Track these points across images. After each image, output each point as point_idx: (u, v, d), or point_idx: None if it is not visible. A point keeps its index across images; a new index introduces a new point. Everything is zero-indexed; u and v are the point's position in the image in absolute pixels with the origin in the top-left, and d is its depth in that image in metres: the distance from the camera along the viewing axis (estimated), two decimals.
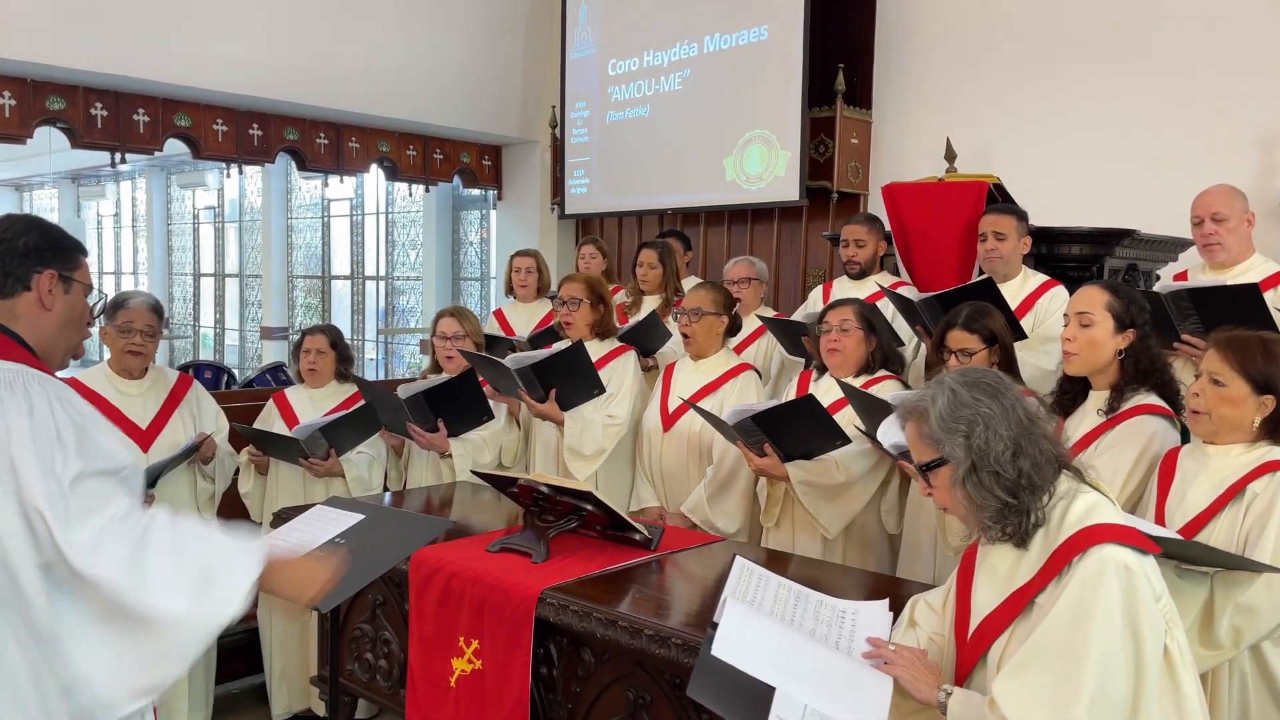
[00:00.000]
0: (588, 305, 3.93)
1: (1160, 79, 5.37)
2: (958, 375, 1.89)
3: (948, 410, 1.83)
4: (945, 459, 1.83)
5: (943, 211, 4.20)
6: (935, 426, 1.83)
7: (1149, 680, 1.69)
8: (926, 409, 1.86)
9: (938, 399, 1.85)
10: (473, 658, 2.59)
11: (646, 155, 7.27)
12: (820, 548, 3.23)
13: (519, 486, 2.83)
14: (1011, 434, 1.81)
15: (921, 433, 1.87)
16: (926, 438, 1.86)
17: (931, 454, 1.86)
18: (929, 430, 1.84)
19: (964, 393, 1.84)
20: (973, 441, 1.80)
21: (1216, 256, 3.45)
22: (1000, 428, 1.81)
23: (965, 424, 1.81)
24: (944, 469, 1.85)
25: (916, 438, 1.89)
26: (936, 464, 1.85)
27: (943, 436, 1.82)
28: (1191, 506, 2.34)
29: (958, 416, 1.82)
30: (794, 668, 1.85)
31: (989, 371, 1.93)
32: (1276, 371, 2.26)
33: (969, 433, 1.80)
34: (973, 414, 1.81)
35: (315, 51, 6.77)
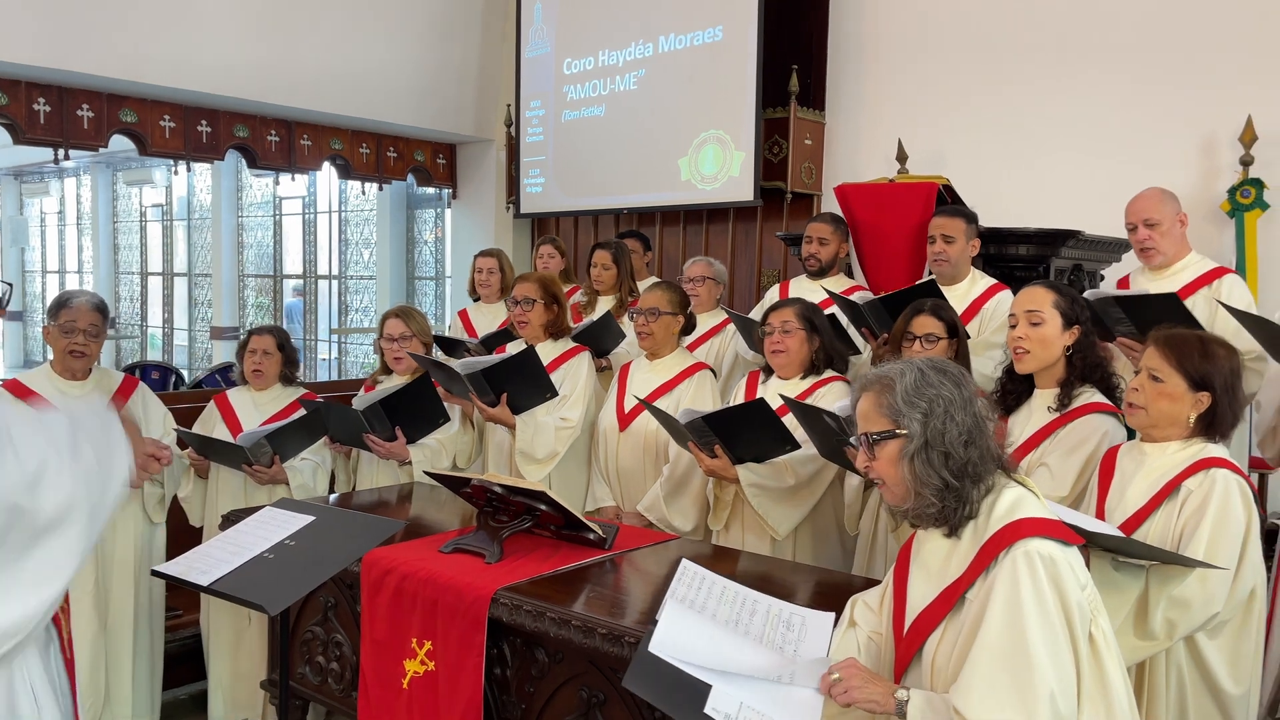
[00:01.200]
0: (541, 305, 3.92)
1: (1106, 82, 5.49)
2: (926, 360, 1.96)
3: (913, 387, 1.88)
4: (899, 432, 1.88)
5: (894, 212, 4.26)
6: (899, 399, 1.88)
7: (1085, 659, 1.74)
8: (893, 381, 1.91)
9: (906, 374, 1.90)
10: (425, 659, 2.57)
11: (602, 155, 7.28)
12: (770, 549, 3.25)
13: (472, 487, 2.82)
14: (967, 423, 1.87)
15: (881, 403, 1.91)
16: (886, 408, 1.90)
17: (886, 425, 1.90)
18: (891, 401, 1.89)
19: (931, 374, 1.90)
20: (931, 421, 1.86)
21: (1153, 260, 3.54)
22: (958, 414, 1.86)
23: (927, 402, 1.86)
24: (894, 442, 1.89)
25: (874, 407, 1.92)
26: (889, 435, 1.89)
27: (904, 410, 1.87)
28: (1130, 504, 2.40)
29: (922, 394, 1.87)
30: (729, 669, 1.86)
31: (954, 364, 1.99)
32: (1213, 370, 2.32)
33: (929, 411, 1.86)
34: (936, 394, 1.87)
35: (267, 47, 6.68)
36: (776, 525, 3.23)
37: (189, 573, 2.30)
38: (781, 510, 3.25)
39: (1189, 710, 2.28)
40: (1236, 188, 5.00)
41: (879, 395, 1.92)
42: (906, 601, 1.96)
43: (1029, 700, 1.69)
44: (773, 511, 3.23)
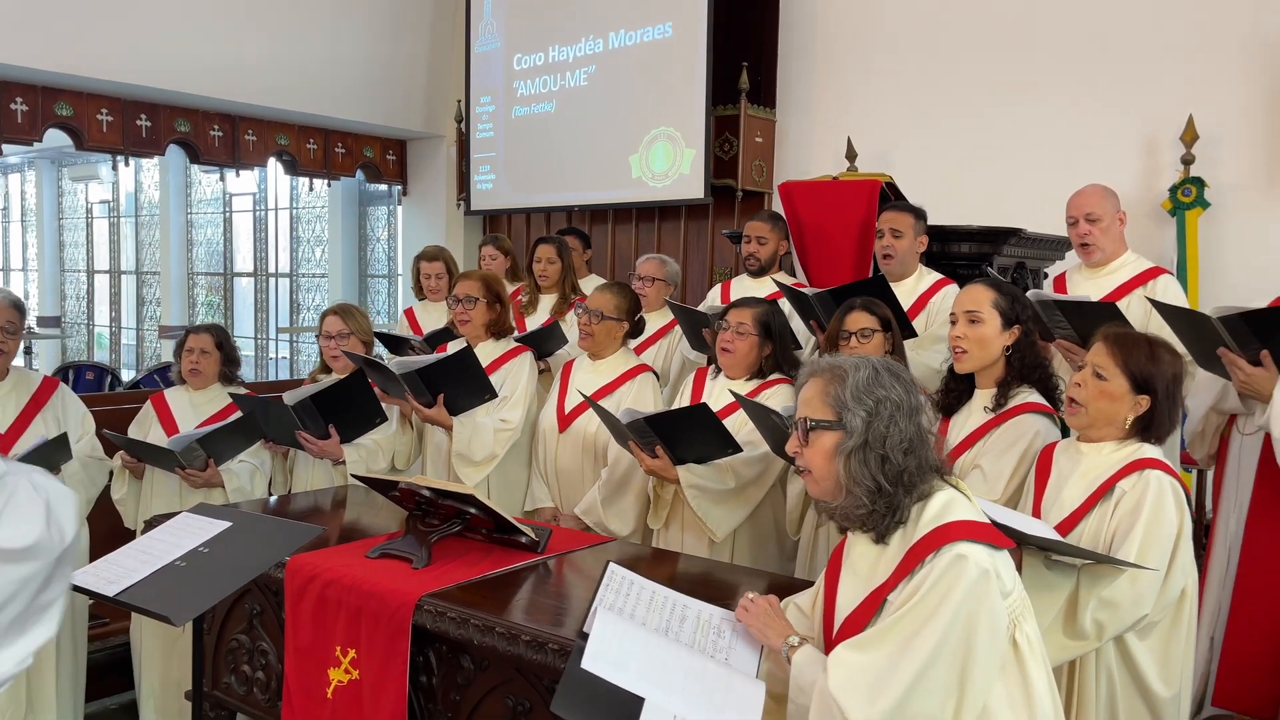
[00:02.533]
0: (484, 304, 3.85)
1: (1051, 82, 5.52)
2: (882, 360, 1.93)
3: (865, 383, 1.85)
4: (840, 425, 1.84)
5: (837, 210, 4.25)
6: (848, 392, 1.85)
7: (978, 675, 1.72)
8: (845, 373, 1.87)
9: (861, 369, 1.87)
10: (350, 668, 2.50)
11: (553, 152, 7.21)
12: (708, 551, 3.22)
13: (400, 490, 2.75)
14: (910, 431, 1.84)
15: (828, 393, 1.87)
16: (832, 399, 1.86)
17: (829, 415, 1.86)
18: (838, 393, 1.86)
19: (885, 375, 1.87)
20: (874, 422, 1.82)
21: (1092, 256, 3.56)
22: (903, 421, 1.84)
23: (875, 402, 1.83)
24: (832, 434, 1.85)
25: (820, 395, 1.88)
26: (828, 426, 1.85)
27: (850, 404, 1.84)
28: (1066, 503, 2.39)
29: (872, 393, 1.84)
30: (664, 677, 1.83)
31: (907, 370, 1.96)
32: (1156, 374, 2.31)
33: (875, 411, 1.83)
34: (885, 396, 1.84)
35: (209, 40, 6.54)
36: (715, 527, 3.20)
37: (96, 582, 2.21)
38: (721, 512, 3.22)
39: (1119, 712, 2.28)
40: (1178, 186, 5.05)
41: (827, 384, 1.89)
42: (836, 604, 1.94)
43: (887, 683, 1.70)
44: (712, 513, 3.20)
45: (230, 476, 3.73)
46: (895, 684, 1.70)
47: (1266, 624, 2.90)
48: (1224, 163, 5.02)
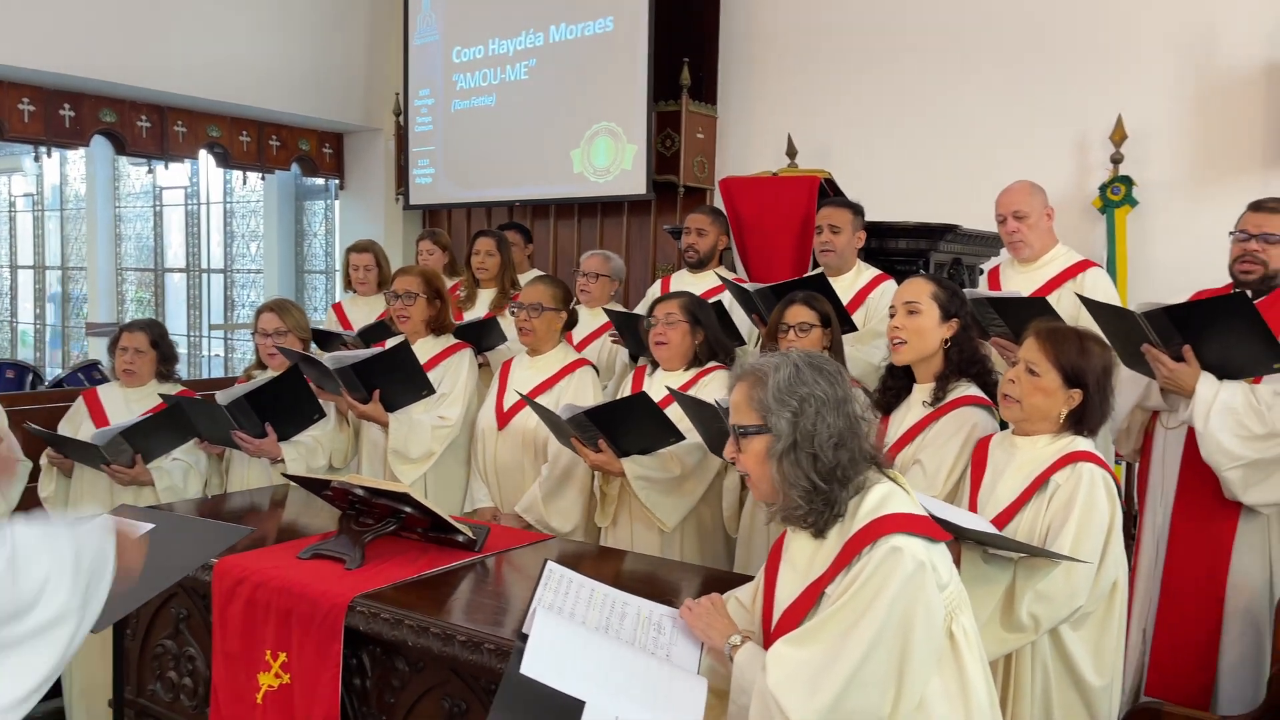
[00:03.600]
0: (423, 300, 3.79)
1: (985, 81, 5.60)
2: (803, 355, 1.90)
3: (786, 383, 1.83)
4: (766, 429, 1.82)
5: (776, 205, 4.27)
6: (770, 395, 1.83)
7: (914, 668, 1.73)
8: (766, 375, 1.85)
9: (781, 369, 1.85)
10: (280, 672, 2.44)
11: (493, 146, 7.14)
12: (659, 544, 3.21)
13: (333, 489, 2.69)
14: (838, 425, 1.82)
15: (752, 397, 1.86)
16: (756, 403, 1.85)
17: (755, 420, 1.85)
18: (761, 397, 1.84)
19: (807, 372, 1.84)
20: (800, 421, 1.81)
21: (1021, 253, 3.62)
22: (829, 415, 1.82)
23: (798, 401, 1.81)
24: (761, 438, 1.84)
25: (745, 400, 1.87)
26: (756, 431, 1.84)
27: (774, 406, 1.82)
28: (1002, 497, 2.42)
29: (794, 392, 1.82)
30: (605, 677, 1.80)
31: (832, 361, 1.94)
32: (1087, 367, 2.35)
33: (799, 410, 1.81)
34: (809, 393, 1.82)
35: (134, 27, 6.34)
36: (664, 517, 3.19)
37: None
38: (670, 501, 3.21)
39: (1053, 703, 2.30)
40: (1107, 185, 5.16)
41: (751, 388, 1.87)
42: (775, 598, 1.94)
43: (825, 679, 1.70)
44: (661, 503, 3.19)
45: (161, 475, 3.62)
46: (833, 679, 1.70)
47: (1194, 614, 2.97)
48: (1151, 162, 5.14)
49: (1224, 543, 2.93)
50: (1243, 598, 2.93)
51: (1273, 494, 2.82)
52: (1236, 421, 2.77)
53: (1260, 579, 2.90)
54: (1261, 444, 2.77)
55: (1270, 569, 2.90)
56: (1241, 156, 4.96)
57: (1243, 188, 4.75)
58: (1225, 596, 2.93)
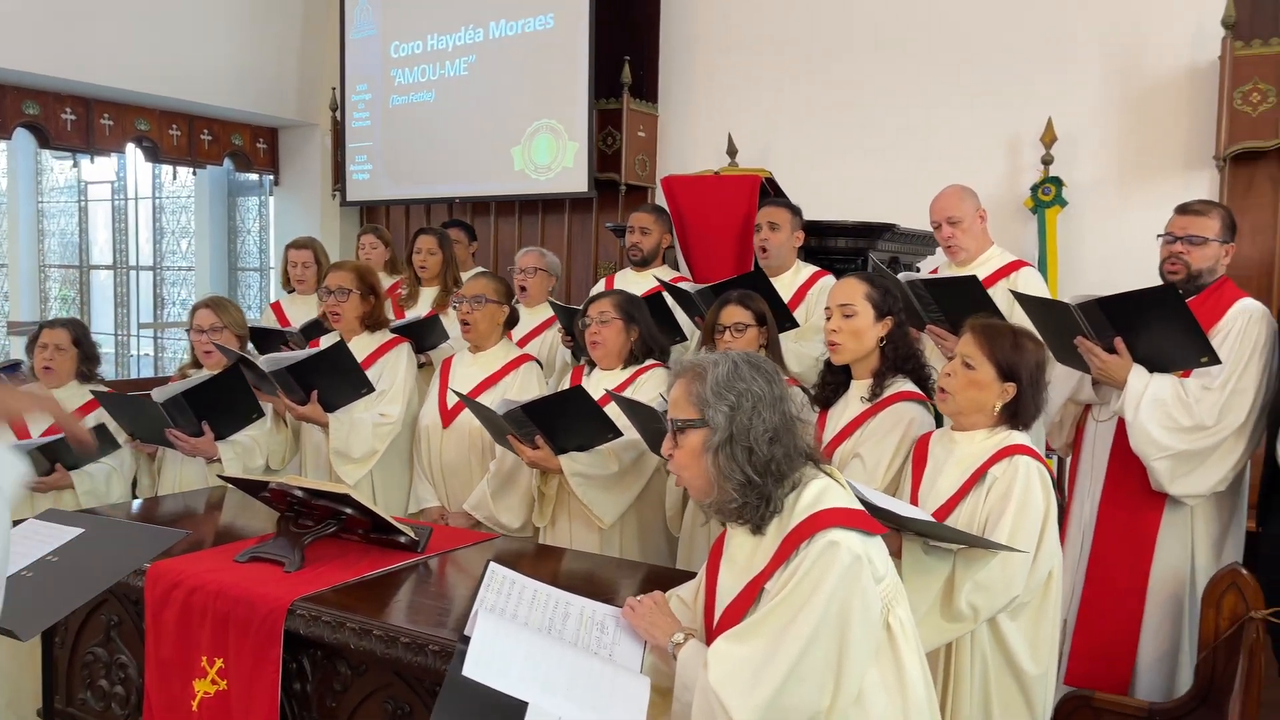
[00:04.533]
0: (357, 296, 3.73)
1: (920, 83, 5.70)
2: (743, 354, 1.94)
3: (724, 379, 1.86)
4: (704, 423, 1.85)
5: (718, 204, 4.29)
6: (708, 390, 1.86)
7: (852, 660, 1.76)
8: (705, 371, 1.88)
9: (719, 365, 1.88)
10: (217, 678, 2.38)
11: (432, 142, 7.07)
12: (598, 542, 3.20)
13: (271, 491, 2.64)
14: (774, 421, 1.86)
15: (691, 391, 1.89)
16: (695, 397, 1.88)
17: (693, 414, 1.88)
18: (700, 391, 1.87)
19: (745, 369, 1.88)
20: (737, 415, 1.84)
21: (957, 257, 3.70)
22: (765, 411, 1.85)
23: (736, 396, 1.85)
24: (698, 432, 1.87)
25: (684, 395, 1.90)
26: (694, 424, 1.87)
27: (712, 400, 1.85)
28: (942, 491, 2.46)
29: (732, 388, 1.85)
30: (548, 678, 1.80)
31: (770, 362, 1.98)
32: (1020, 362, 2.41)
33: (736, 405, 1.84)
34: (746, 389, 1.85)
35: (59, 16, 6.14)
36: (602, 514, 3.19)
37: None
38: (607, 498, 3.21)
39: (992, 691, 2.35)
40: (1038, 185, 5.29)
41: (690, 384, 1.90)
42: (716, 595, 1.96)
43: (765, 674, 1.72)
44: (598, 500, 3.19)
45: (82, 478, 3.52)
46: (772, 674, 1.72)
47: (1118, 605, 3.06)
48: (1080, 163, 5.28)
49: (1148, 534, 3.02)
50: (1166, 589, 3.02)
51: (1197, 485, 2.91)
52: (1165, 413, 2.86)
53: (1183, 570, 3.00)
54: (1188, 436, 2.87)
55: (1192, 560, 3.00)
56: (1165, 158, 5.12)
57: (1167, 189, 4.92)
58: (1148, 587, 3.02)
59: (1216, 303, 3.00)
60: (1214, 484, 2.91)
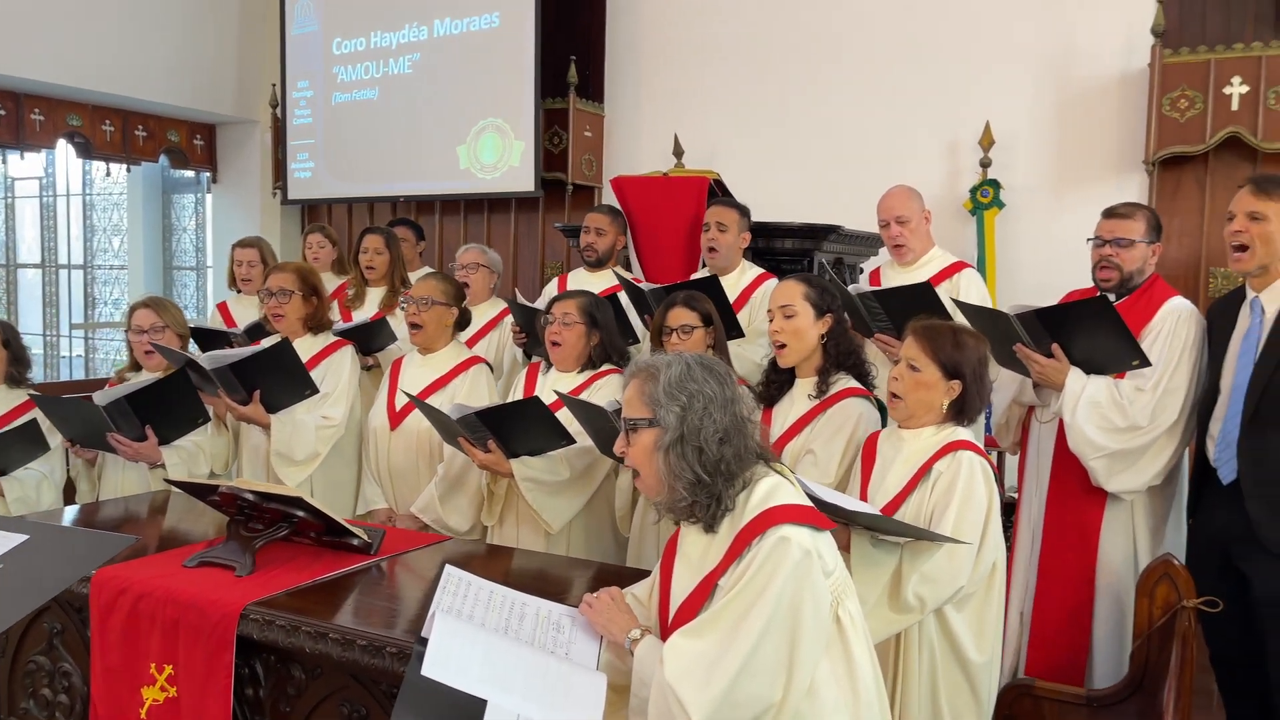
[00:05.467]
0: (299, 297, 3.68)
1: (862, 86, 5.80)
2: (696, 355, 1.98)
3: (677, 380, 1.90)
4: (655, 422, 1.89)
5: (667, 205, 4.33)
6: (661, 390, 1.90)
7: (804, 653, 1.80)
8: (658, 371, 1.92)
9: (672, 365, 1.92)
10: (166, 685, 2.35)
11: (376, 140, 6.99)
12: (544, 543, 3.21)
13: (220, 494, 2.61)
14: (725, 422, 1.90)
15: (644, 391, 1.92)
16: (647, 397, 1.91)
17: (645, 413, 1.91)
18: (653, 391, 1.91)
19: (697, 370, 1.92)
20: (688, 415, 1.88)
21: (904, 257, 3.78)
22: (716, 413, 1.89)
23: (687, 396, 1.89)
24: (649, 431, 1.91)
25: (637, 395, 1.94)
26: (646, 423, 1.90)
27: (664, 401, 1.89)
28: (890, 487, 2.54)
29: (684, 388, 1.89)
30: (505, 677, 1.82)
31: (722, 364, 2.02)
32: (963, 359, 2.49)
33: (688, 405, 1.88)
34: (697, 390, 1.89)
35: None
36: (551, 519, 3.19)
37: None
38: (556, 504, 3.22)
39: (939, 680, 2.42)
40: (977, 188, 5.42)
41: (643, 384, 1.94)
42: (670, 592, 1.99)
43: (719, 669, 1.76)
44: (547, 505, 3.19)
45: (11, 484, 3.44)
46: (726, 667, 1.76)
47: (1068, 596, 3.16)
48: (1017, 166, 5.43)
49: (1092, 527, 3.13)
50: (1110, 578, 3.13)
51: (1133, 481, 3.03)
52: (1101, 415, 2.97)
53: (1125, 560, 3.11)
54: (1123, 436, 2.98)
55: (1134, 550, 3.12)
56: (1098, 162, 5.29)
57: (1099, 192, 5.07)
58: (1095, 578, 3.13)
59: (1148, 303, 3.12)
60: (1148, 480, 3.03)
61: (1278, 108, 4.69)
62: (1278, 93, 4.68)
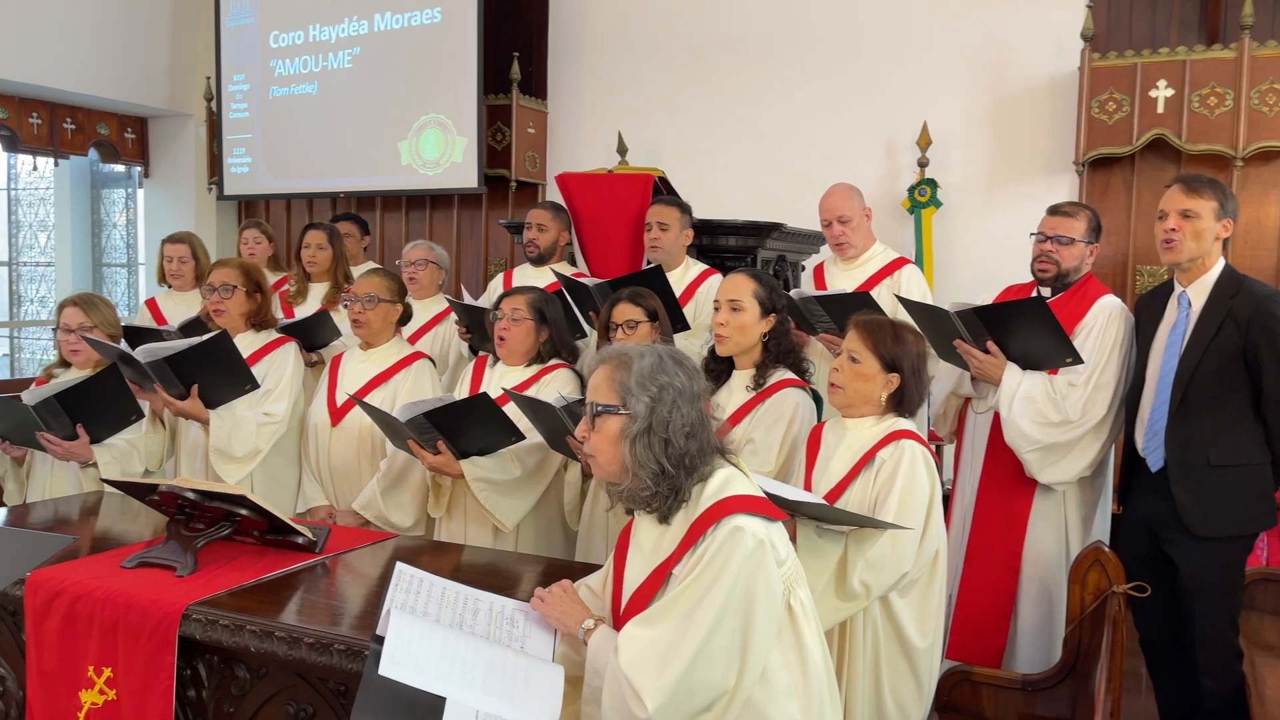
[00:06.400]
0: (242, 293, 3.62)
1: (803, 87, 5.88)
2: (667, 348, 1.99)
3: (649, 371, 1.91)
4: (624, 410, 1.89)
5: (612, 202, 4.34)
6: (632, 379, 1.90)
7: (757, 640, 1.83)
8: (631, 360, 1.92)
9: (646, 356, 1.93)
10: (105, 688, 2.30)
11: (316, 135, 6.90)
12: (492, 538, 3.20)
13: (160, 493, 2.56)
14: (693, 416, 1.92)
15: (614, 379, 1.92)
16: (618, 385, 1.92)
17: (614, 400, 1.92)
18: (624, 379, 1.91)
19: (670, 363, 1.93)
20: (658, 407, 1.89)
21: (846, 254, 3.85)
22: (685, 406, 1.91)
23: (658, 388, 1.90)
24: (616, 419, 1.91)
25: (607, 381, 1.94)
26: (613, 410, 1.91)
27: (635, 390, 1.89)
28: (833, 475, 2.58)
29: (655, 380, 1.90)
30: (463, 674, 1.82)
31: (690, 359, 2.03)
32: (902, 354, 2.55)
33: (658, 397, 1.89)
34: (668, 382, 1.90)
35: None
36: (504, 518, 3.18)
37: None
38: (509, 502, 3.21)
39: (882, 665, 2.47)
40: (914, 186, 5.53)
41: (614, 370, 1.94)
42: (624, 582, 2.00)
43: (674, 655, 1.78)
44: (500, 505, 3.18)
45: None
46: (680, 655, 1.78)
47: (994, 582, 3.25)
48: (953, 166, 5.55)
49: (1021, 516, 3.23)
50: (1038, 567, 3.23)
51: (1065, 473, 3.13)
52: (1035, 410, 3.06)
53: (1054, 550, 3.21)
54: (1056, 430, 3.08)
55: (1065, 540, 3.22)
56: (1030, 163, 5.43)
57: (1031, 192, 5.22)
58: (1021, 566, 3.22)
59: (1081, 300, 3.22)
60: (1079, 472, 3.13)
61: (1201, 110, 4.86)
62: (1201, 96, 4.85)
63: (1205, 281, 2.96)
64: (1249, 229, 4.97)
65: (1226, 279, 2.94)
